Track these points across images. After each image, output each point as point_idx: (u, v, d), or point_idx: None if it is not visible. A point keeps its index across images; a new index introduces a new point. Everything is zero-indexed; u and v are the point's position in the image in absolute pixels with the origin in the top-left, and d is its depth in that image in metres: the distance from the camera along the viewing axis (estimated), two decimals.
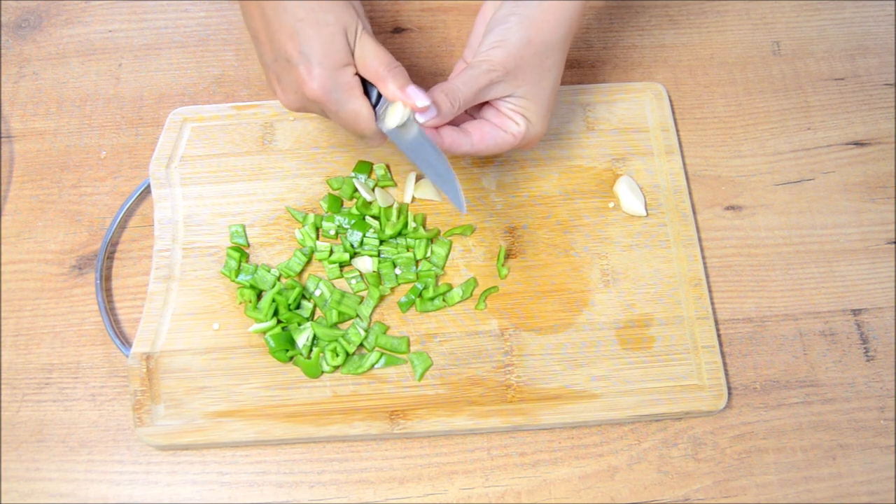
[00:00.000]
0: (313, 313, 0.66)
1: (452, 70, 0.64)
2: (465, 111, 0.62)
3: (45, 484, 0.63)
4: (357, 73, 0.57)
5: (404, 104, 0.56)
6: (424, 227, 0.69)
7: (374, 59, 0.56)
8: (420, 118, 0.57)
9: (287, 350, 0.64)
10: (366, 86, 0.58)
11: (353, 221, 0.68)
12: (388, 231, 0.68)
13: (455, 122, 0.60)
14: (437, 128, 0.58)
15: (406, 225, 0.68)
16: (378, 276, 0.67)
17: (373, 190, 0.70)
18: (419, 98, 0.56)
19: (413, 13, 0.80)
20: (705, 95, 0.77)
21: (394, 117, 0.57)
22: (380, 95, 0.58)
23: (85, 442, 0.64)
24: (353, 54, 0.56)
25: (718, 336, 0.67)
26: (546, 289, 0.67)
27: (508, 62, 0.58)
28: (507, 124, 0.60)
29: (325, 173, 0.71)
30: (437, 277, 0.67)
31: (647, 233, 0.69)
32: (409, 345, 0.65)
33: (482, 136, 0.60)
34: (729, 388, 0.65)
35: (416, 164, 0.59)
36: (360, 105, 0.56)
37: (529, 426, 0.63)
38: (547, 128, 0.63)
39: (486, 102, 0.61)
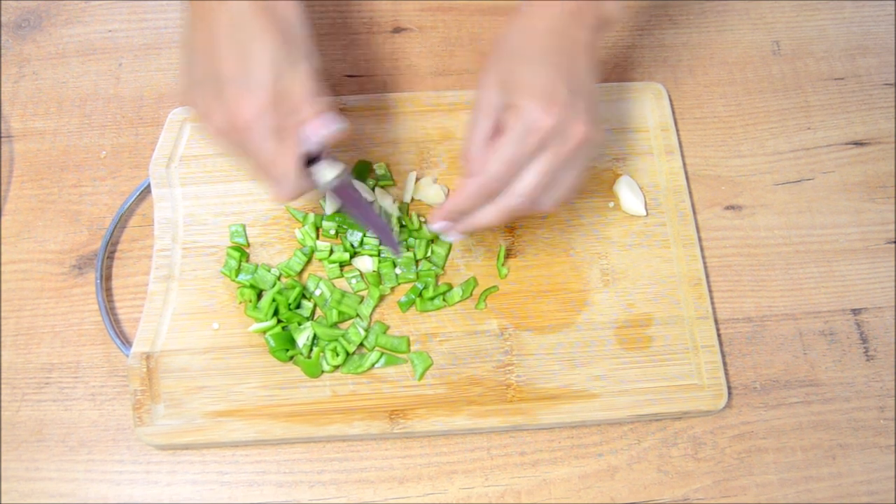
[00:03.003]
0: (313, 313, 0.66)
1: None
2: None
3: (45, 484, 0.63)
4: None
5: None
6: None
7: (301, 90, 0.53)
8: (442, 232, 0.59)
9: (287, 350, 0.64)
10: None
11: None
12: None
13: None
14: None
15: (408, 224, 0.69)
16: (378, 276, 0.67)
17: (373, 190, 0.70)
18: (330, 125, 0.53)
19: (413, 13, 0.80)
20: (705, 95, 0.77)
21: (331, 170, 0.57)
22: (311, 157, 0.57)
23: (85, 442, 0.64)
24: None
25: (718, 336, 0.67)
26: (546, 288, 0.67)
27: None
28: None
29: None
30: (437, 277, 0.67)
31: (646, 232, 0.69)
32: (409, 344, 0.65)
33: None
34: (729, 388, 0.65)
35: (347, 211, 0.58)
36: (285, 146, 0.53)
37: (529, 426, 0.63)
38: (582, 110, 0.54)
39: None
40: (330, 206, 0.69)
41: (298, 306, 0.66)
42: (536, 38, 0.55)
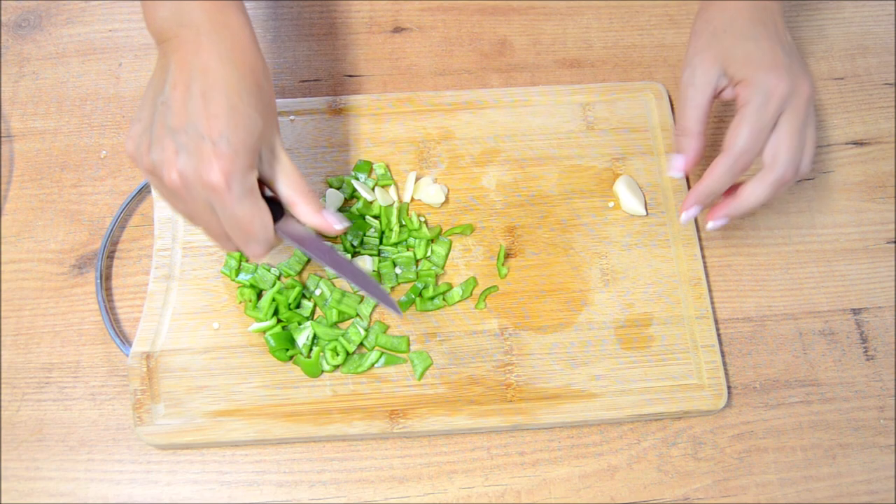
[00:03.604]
0: (313, 312, 0.66)
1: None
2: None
3: (45, 483, 0.63)
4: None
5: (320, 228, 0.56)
6: (427, 226, 0.69)
7: (293, 181, 0.55)
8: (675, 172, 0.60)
9: (287, 349, 0.64)
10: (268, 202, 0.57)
11: (353, 221, 0.68)
12: (393, 239, 0.67)
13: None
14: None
15: (408, 224, 0.69)
16: (378, 276, 0.67)
17: (373, 189, 0.70)
18: (336, 223, 0.56)
19: (413, 13, 0.80)
20: None
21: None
22: (281, 213, 0.57)
23: (85, 441, 0.64)
24: (260, 170, 0.54)
25: (718, 335, 0.67)
26: (546, 288, 0.67)
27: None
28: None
29: (325, 173, 0.71)
30: (436, 277, 0.67)
31: (646, 232, 0.69)
32: (408, 344, 0.65)
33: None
34: (729, 388, 0.65)
35: (333, 269, 0.59)
36: (259, 206, 0.53)
37: (529, 425, 0.63)
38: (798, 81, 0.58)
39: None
40: (330, 206, 0.69)
41: (298, 306, 0.66)
42: (741, 15, 0.59)
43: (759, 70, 0.56)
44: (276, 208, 0.57)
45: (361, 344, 0.65)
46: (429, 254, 0.68)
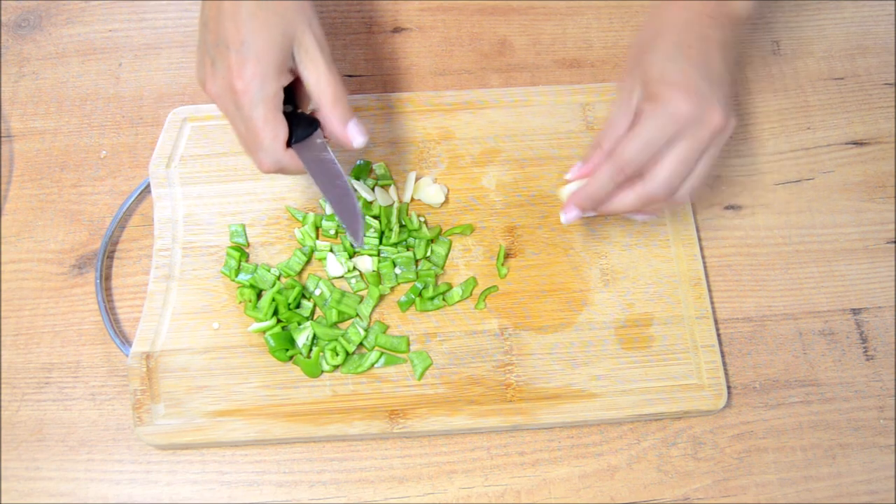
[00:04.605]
0: (313, 312, 0.66)
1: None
2: None
3: (45, 483, 0.63)
4: (290, 90, 0.57)
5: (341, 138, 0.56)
6: (427, 226, 0.69)
7: (323, 85, 0.56)
8: (564, 218, 0.59)
9: (287, 349, 0.64)
10: (298, 120, 0.57)
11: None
12: (393, 239, 0.67)
13: None
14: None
15: (408, 224, 0.69)
16: (378, 276, 0.67)
17: (373, 189, 0.70)
18: (357, 137, 0.56)
19: (413, 13, 0.80)
20: None
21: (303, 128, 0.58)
22: (308, 133, 0.58)
23: (85, 441, 0.64)
24: (295, 68, 0.56)
25: (718, 335, 0.67)
26: (546, 288, 0.67)
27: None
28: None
29: None
30: (436, 277, 0.67)
31: (646, 232, 0.69)
32: (408, 344, 0.65)
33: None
34: (729, 388, 0.65)
35: (320, 187, 0.59)
36: (273, 116, 0.55)
37: (529, 425, 0.63)
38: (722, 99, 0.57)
39: None
40: (330, 207, 0.69)
41: (298, 306, 0.66)
42: (671, 34, 0.58)
43: (669, 89, 0.55)
44: (312, 129, 0.58)
45: (361, 344, 0.65)
46: (429, 254, 0.68)
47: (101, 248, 0.68)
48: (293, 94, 0.58)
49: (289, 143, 0.56)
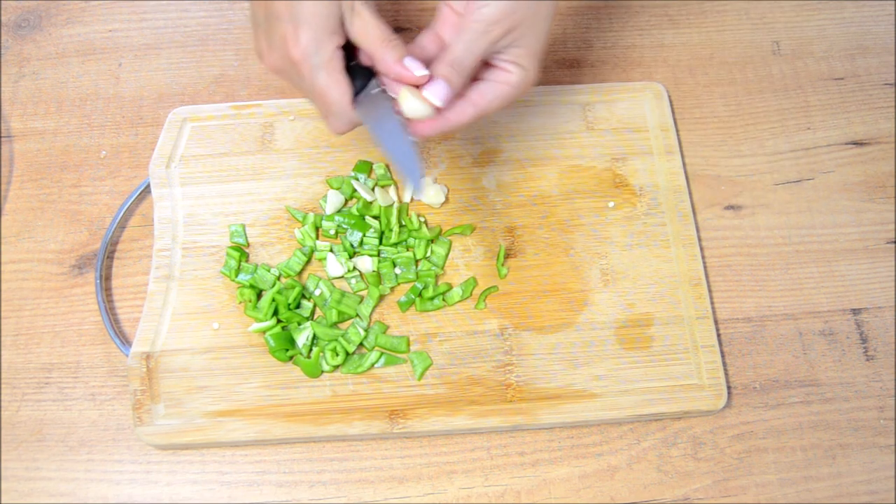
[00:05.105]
0: (313, 313, 0.66)
1: (436, 19, 0.59)
2: None
3: (45, 483, 0.63)
4: (345, 49, 0.55)
5: (413, 93, 0.55)
6: (427, 226, 0.69)
7: (371, 31, 0.55)
8: (436, 100, 0.55)
9: (287, 349, 0.64)
10: (354, 73, 0.57)
11: (352, 221, 0.68)
12: (393, 239, 0.67)
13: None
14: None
15: (408, 224, 0.69)
16: (378, 276, 0.67)
17: (373, 189, 0.70)
18: (417, 69, 0.55)
19: (413, 13, 0.80)
20: (705, 95, 0.77)
21: (409, 104, 0.55)
22: (364, 84, 0.57)
23: (85, 441, 0.64)
24: (344, 28, 0.55)
25: (718, 336, 0.67)
26: (546, 288, 0.67)
27: (504, 19, 0.54)
28: (502, 76, 0.57)
29: (324, 173, 0.71)
30: (436, 277, 0.67)
31: (646, 232, 0.69)
32: (408, 344, 0.65)
33: (481, 94, 0.57)
34: (728, 388, 0.65)
35: (384, 149, 0.57)
36: (336, 79, 0.55)
37: (529, 426, 0.63)
38: (539, 72, 0.58)
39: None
40: (330, 206, 0.69)
41: (298, 306, 0.66)
42: None
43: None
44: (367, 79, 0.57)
45: (361, 344, 0.65)
46: (428, 254, 0.68)
47: (101, 249, 0.68)
48: (350, 55, 0.57)
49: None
